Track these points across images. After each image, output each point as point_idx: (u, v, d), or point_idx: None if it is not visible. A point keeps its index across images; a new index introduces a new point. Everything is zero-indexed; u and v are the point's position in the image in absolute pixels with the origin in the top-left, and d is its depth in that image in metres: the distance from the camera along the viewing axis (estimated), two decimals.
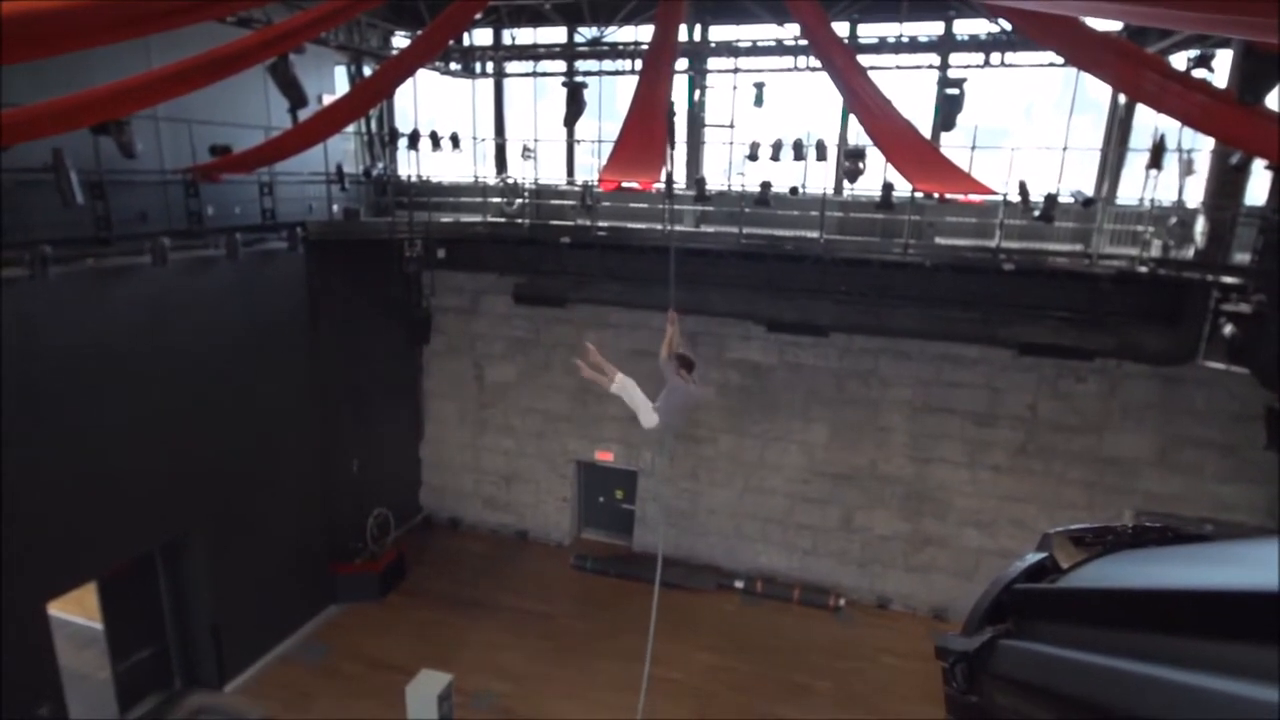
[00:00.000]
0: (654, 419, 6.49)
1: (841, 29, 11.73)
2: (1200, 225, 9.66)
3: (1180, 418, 11.34)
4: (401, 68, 9.58)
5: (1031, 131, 13.25)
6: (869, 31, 12.04)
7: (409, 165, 14.32)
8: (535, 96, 14.61)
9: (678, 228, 12.45)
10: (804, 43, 11.93)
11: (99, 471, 8.75)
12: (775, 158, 11.58)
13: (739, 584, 13.70)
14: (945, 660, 0.55)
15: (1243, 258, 9.33)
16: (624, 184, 11.38)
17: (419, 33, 12.14)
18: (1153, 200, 10.33)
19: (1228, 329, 8.74)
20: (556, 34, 13.91)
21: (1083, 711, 0.38)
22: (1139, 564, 0.39)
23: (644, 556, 14.19)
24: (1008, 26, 10.78)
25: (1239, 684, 0.23)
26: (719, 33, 12.92)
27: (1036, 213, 10.20)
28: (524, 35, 14.22)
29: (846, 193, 12.33)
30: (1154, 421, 11.49)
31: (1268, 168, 8.78)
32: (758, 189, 11.69)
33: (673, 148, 8.15)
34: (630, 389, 6.62)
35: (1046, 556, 0.55)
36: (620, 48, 13.55)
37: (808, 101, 13.22)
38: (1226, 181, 9.41)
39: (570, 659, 11.74)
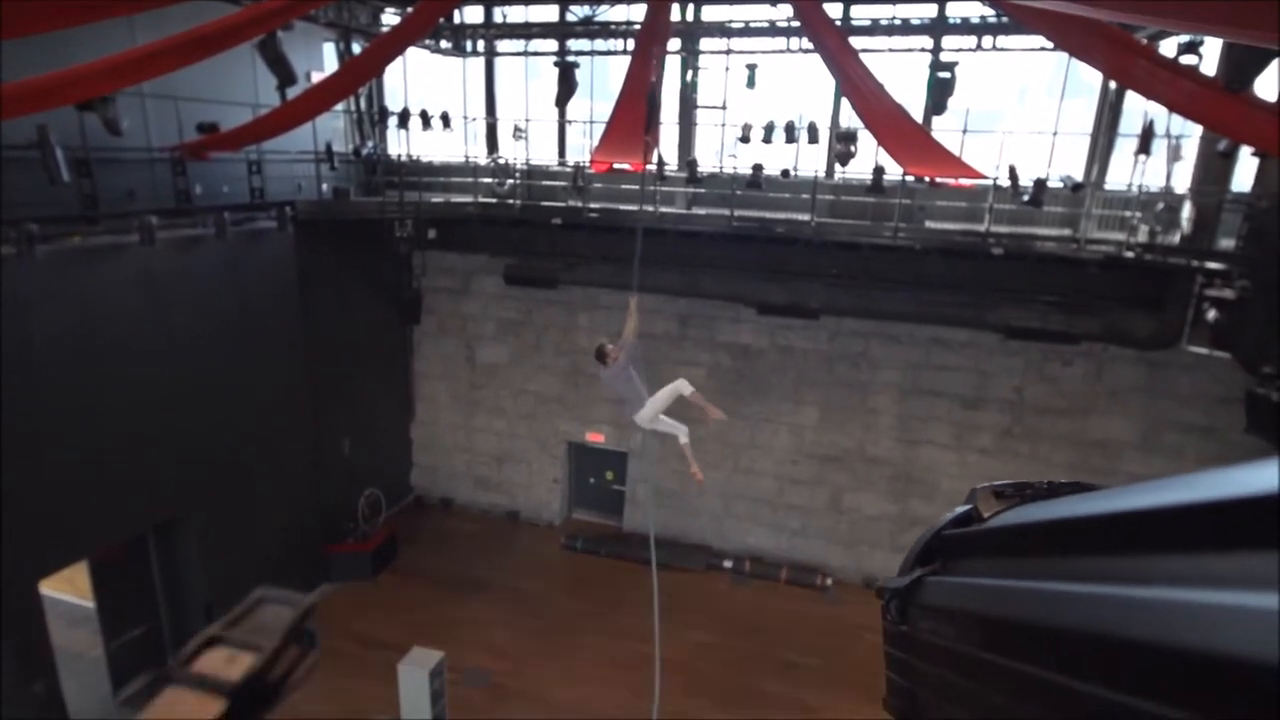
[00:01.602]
0: (650, 414, 6.68)
1: (834, 10, 11.68)
2: (1187, 211, 9.75)
3: (1164, 401, 11.50)
4: (392, 46, 9.50)
5: (1024, 115, 13.27)
6: (861, 13, 11.99)
7: (399, 144, 14.21)
8: (527, 76, 14.51)
9: (669, 209, 12.45)
10: (797, 24, 11.88)
11: (91, 451, 8.74)
12: (767, 140, 11.58)
13: (728, 564, 13.87)
14: (883, 599, 0.64)
15: (1228, 243, 9.43)
16: (615, 165, 11.38)
17: (409, 10, 12.01)
18: (1141, 186, 10.40)
19: (1211, 314, 8.86)
20: (548, 12, 13.78)
21: (980, 623, 0.46)
22: (1046, 508, 0.46)
23: (634, 536, 14.32)
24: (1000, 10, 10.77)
25: (1117, 588, 0.27)
26: (712, 13, 12.83)
27: (1026, 197, 10.26)
28: (515, 13, 14.07)
29: (838, 176, 12.34)
30: (1138, 405, 11.65)
31: (1254, 154, 8.85)
32: (749, 171, 11.69)
33: (656, 129, 8.14)
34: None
35: (972, 508, 0.62)
36: (613, 27, 13.44)
37: (800, 84, 13.19)
38: (1213, 168, 9.48)
39: (561, 637, 11.89)
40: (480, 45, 14.42)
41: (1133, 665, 0.25)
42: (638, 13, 12.97)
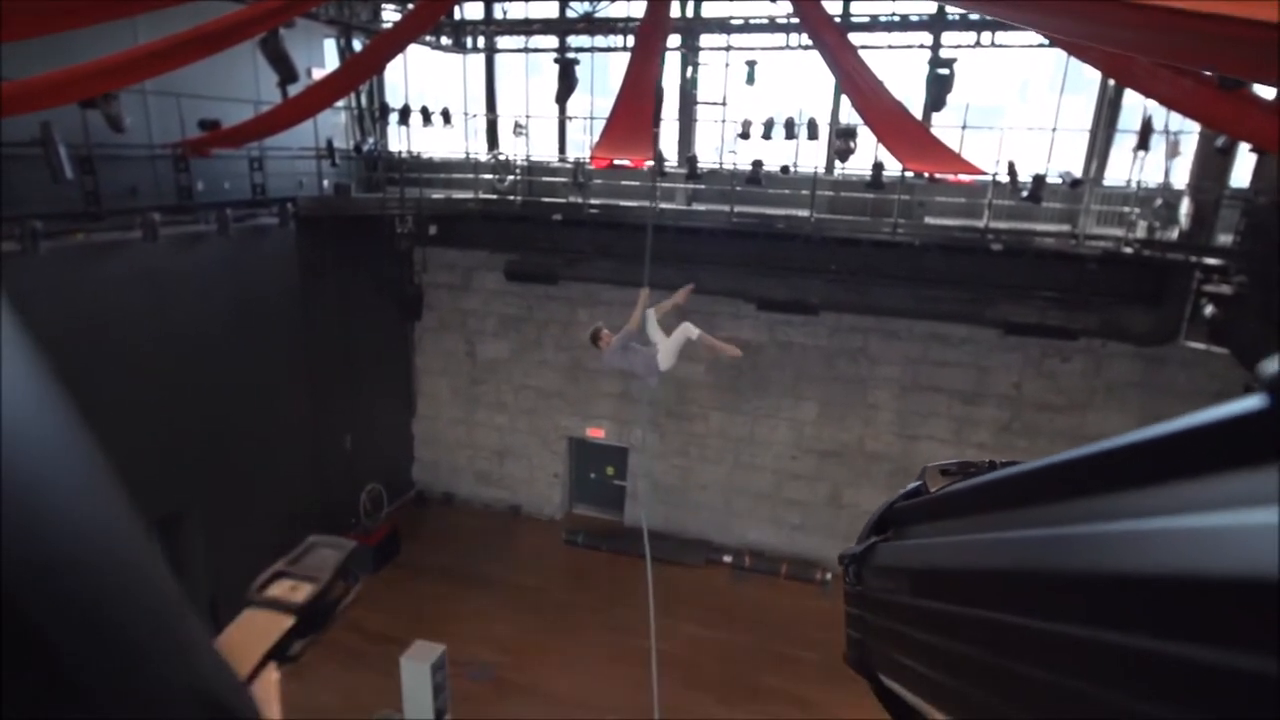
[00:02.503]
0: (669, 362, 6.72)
1: (833, 7, 11.70)
2: (1185, 207, 9.78)
3: (1162, 397, 11.55)
4: (393, 42, 9.53)
5: (1026, 110, 13.30)
6: (860, 10, 12.01)
7: (400, 141, 14.24)
8: (527, 72, 14.53)
9: (669, 205, 12.48)
10: (796, 21, 11.90)
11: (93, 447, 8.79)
12: (767, 136, 11.61)
13: (728, 558, 13.94)
14: (843, 564, 0.72)
15: (1226, 239, 9.47)
16: (616, 161, 11.41)
17: (409, 7, 12.03)
18: (1139, 182, 10.44)
19: (1209, 310, 8.90)
20: (549, 8, 13.80)
21: (911, 574, 0.53)
22: (981, 478, 0.52)
23: (635, 531, 14.38)
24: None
25: (1021, 530, 0.32)
26: (712, 9, 12.85)
27: (1025, 193, 10.30)
28: (516, 9, 14.09)
29: (837, 172, 12.37)
30: (1136, 400, 11.70)
31: (1252, 150, 8.88)
32: (749, 167, 11.72)
33: (658, 125, 8.23)
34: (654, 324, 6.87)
35: (921, 484, 0.69)
36: (613, 23, 13.46)
37: (800, 80, 13.20)
38: (1211, 164, 9.51)
39: (562, 631, 11.96)
40: (481, 42, 14.45)
41: (1037, 594, 0.31)
42: (638, 9, 12.97)
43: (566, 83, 10.23)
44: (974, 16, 11.46)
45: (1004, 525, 0.36)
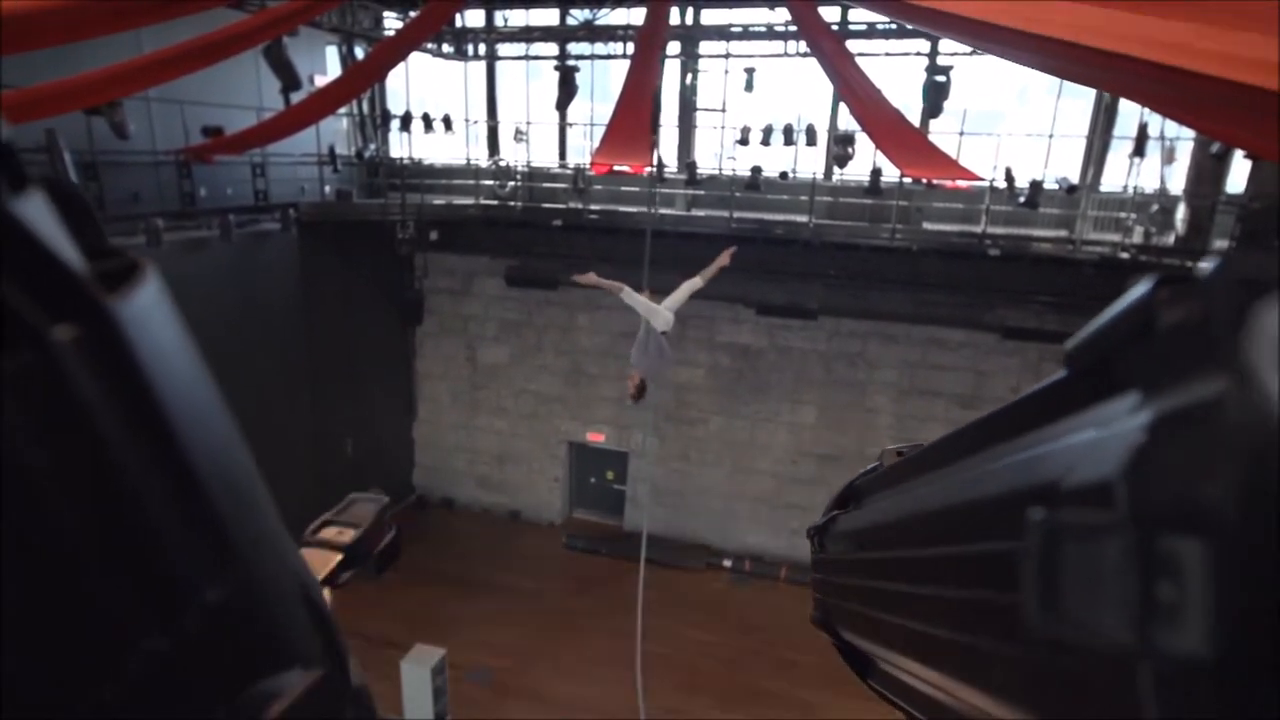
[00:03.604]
0: (669, 317, 6.76)
1: (831, 15, 11.79)
2: (1181, 212, 9.86)
3: None
4: (395, 50, 9.63)
5: (1025, 115, 13.39)
6: (858, 17, 12.10)
7: (401, 147, 14.32)
8: (528, 79, 14.62)
9: (668, 211, 12.55)
10: (794, 28, 11.99)
11: None
12: (766, 142, 11.70)
13: (728, 563, 13.96)
14: (810, 536, 0.79)
15: (1222, 244, 9.54)
16: (616, 167, 11.49)
17: (410, 14, 12.14)
18: (1135, 187, 10.51)
19: None
20: (549, 16, 13.90)
21: (855, 532, 0.59)
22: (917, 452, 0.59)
23: (635, 536, 14.39)
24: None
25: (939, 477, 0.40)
26: (711, 16, 12.95)
27: (1022, 199, 10.37)
28: (517, 17, 14.19)
29: (836, 178, 12.45)
30: None
31: (1246, 157, 8.96)
32: (748, 173, 11.80)
33: (657, 132, 8.32)
34: (635, 296, 6.87)
35: (879, 465, 0.76)
36: (613, 30, 13.55)
37: (798, 87, 13.29)
38: (1207, 170, 9.59)
39: (562, 635, 11.98)
40: (481, 49, 14.54)
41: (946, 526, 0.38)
42: (637, 16, 13.07)
43: (567, 89, 10.33)
44: None
45: (917, 483, 0.44)
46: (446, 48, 14.30)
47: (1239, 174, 9.74)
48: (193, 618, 0.20)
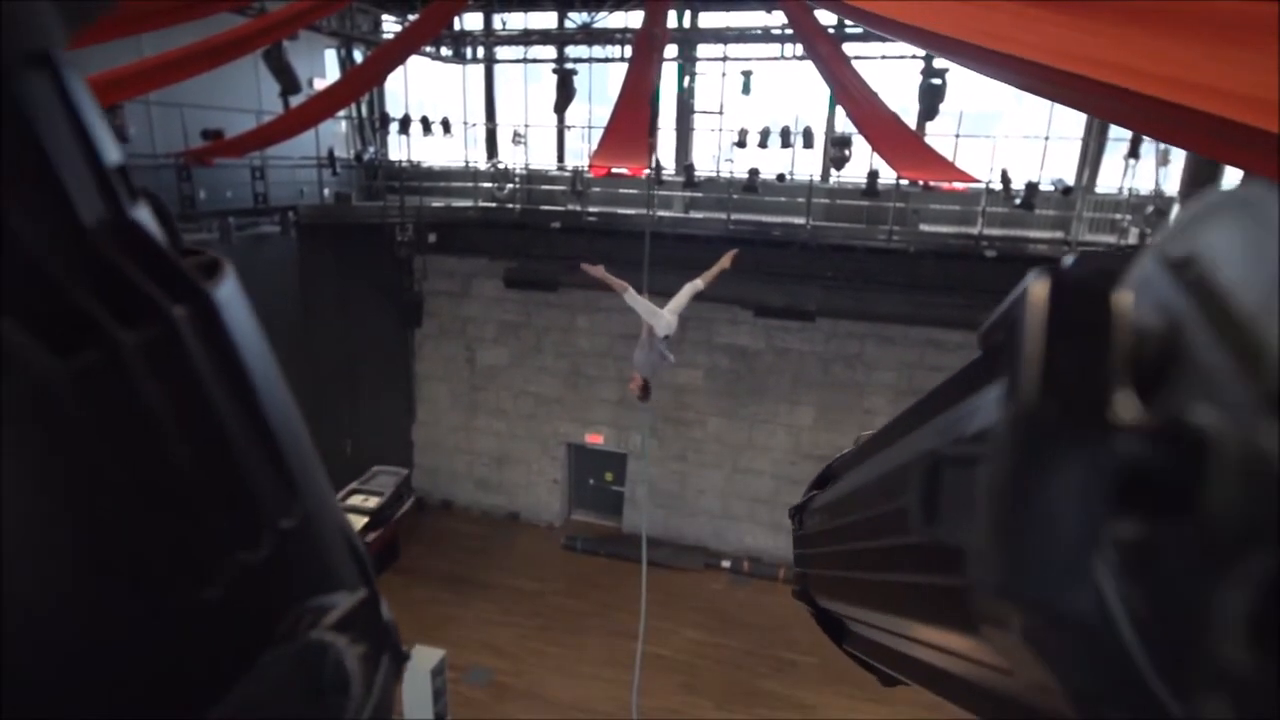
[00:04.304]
0: (671, 320, 6.80)
1: (828, 19, 11.85)
2: (1175, 214, 9.91)
3: None
4: (394, 53, 9.67)
5: (1023, 115, 13.43)
6: (854, 20, 12.16)
7: (400, 150, 14.38)
8: (526, 82, 14.68)
9: (666, 213, 12.61)
10: (791, 31, 12.05)
11: None
12: (763, 145, 11.76)
13: (727, 564, 13.99)
14: (791, 516, 0.84)
15: None
16: (614, 169, 11.54)
17: (409, 18, 12.19)
18: (1130, 189, 10.58)
19: None
20: (547, 19, 13.96)
21: (826, 506, 0.64)
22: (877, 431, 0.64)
23: (633, 537, 14.44)
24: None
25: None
26: (708, 19, 13.01)
27: (1018, 200, 10.43)
28: (515, 20, 14.25)
29: (833, 180, 12.51)
30: None
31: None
32: (746, 175, 11.85)
33: (655, 134, 8.37)
34: (639, 299, 6.92)
35: (854, 448, 0.82)
36: (611, 34, 13.62)
37: (795, 89, 13.36)
38: (1201, 171, 9.64)
39: (561, 636, 12.01)
40: (480, 52, 14.60)
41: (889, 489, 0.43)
42: (635, 20, 13.14)
43: (565, 92, 10.38)
44: None
45: (874, 458, 0.50)
46: (445, 51, 14.36)
47: (1235, 175, 9.79)
48: (271, 539, 0.26)
